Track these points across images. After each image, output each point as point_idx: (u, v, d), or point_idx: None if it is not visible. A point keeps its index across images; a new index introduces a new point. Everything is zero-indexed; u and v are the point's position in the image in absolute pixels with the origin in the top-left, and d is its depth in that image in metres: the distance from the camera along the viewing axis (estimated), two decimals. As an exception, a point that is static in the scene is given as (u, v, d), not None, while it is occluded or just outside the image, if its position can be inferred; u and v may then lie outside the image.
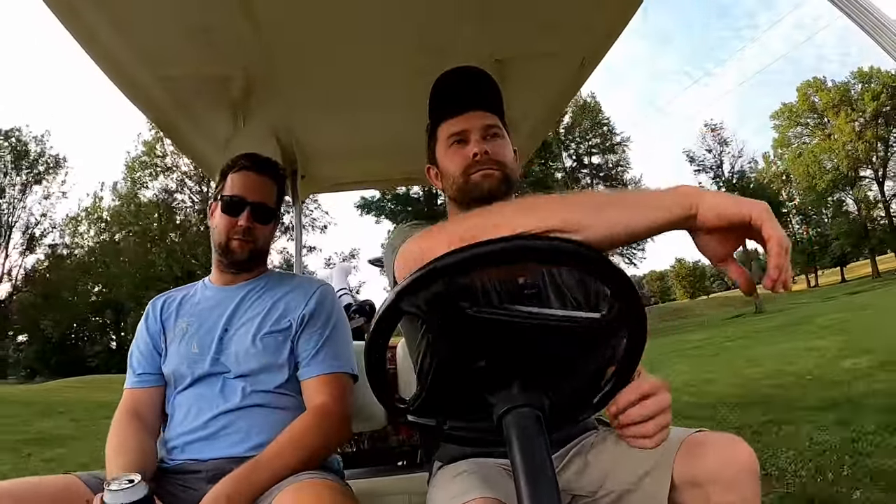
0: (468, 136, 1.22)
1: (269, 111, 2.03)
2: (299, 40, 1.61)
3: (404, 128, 2.33)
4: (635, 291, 0.73)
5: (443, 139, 1.26)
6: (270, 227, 1.51)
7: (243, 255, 1.45)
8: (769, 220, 0.70)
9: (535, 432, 0.72)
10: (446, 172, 1.25)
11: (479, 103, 1.24)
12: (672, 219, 0.74)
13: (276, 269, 1.61)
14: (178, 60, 1.61)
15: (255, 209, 1.45)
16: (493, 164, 1.19)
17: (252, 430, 1.31)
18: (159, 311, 1.50)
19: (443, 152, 1.26)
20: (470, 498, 0.96)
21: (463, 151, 1.21)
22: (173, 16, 1.43)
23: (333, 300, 1.50)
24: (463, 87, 1.23)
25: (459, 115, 1.23)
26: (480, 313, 0.71)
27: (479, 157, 1.19)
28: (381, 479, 2.02)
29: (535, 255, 0.71)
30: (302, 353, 1.39)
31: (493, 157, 1.20)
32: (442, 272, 0.68)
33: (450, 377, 0.77)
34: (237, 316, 1.43)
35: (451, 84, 1.23)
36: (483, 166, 1.19)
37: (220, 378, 1.35)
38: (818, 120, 40.50)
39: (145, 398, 1.41)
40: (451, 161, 1.23)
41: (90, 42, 1.42)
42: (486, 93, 1.25)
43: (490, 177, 1.19)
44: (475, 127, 1.22)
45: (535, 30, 1.65)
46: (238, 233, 1.43)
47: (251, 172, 1.47)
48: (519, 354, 0.75)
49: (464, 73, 1.23)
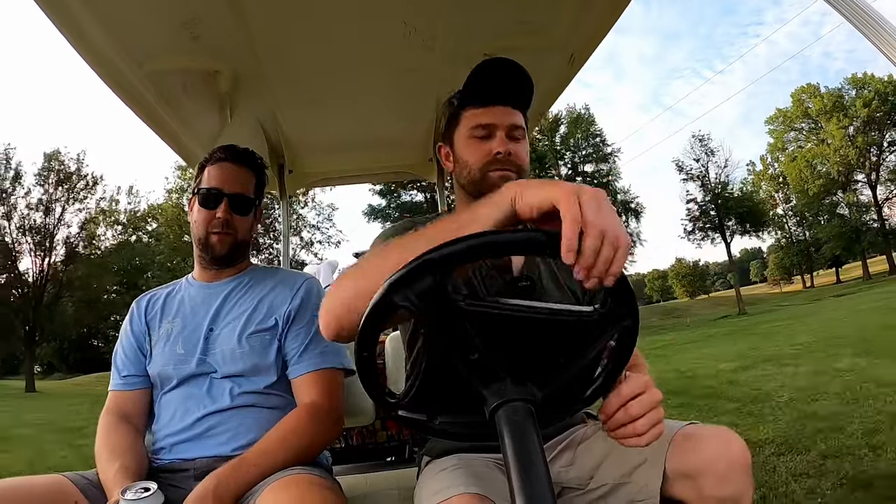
0: (494, 132, 1.20)
1: (256, 106, 2.01)
2: (286, 35, 1.59)
3: (392, 122, 2.34)
4: (628, 286, 0.74)
5: (467, 125, 1.23)
6: (250, 219, 1.48)
7: (223, 250, 1.42)
8: (565, 200, 0.69)
9: (527, 426, 0.73)
10: (463, 161, 1.24)
11: (512, 99, 1.22)
12: (502, 217, 0.77)
13: (260, 264, 1.57)
14: (165, 55, 1.59)
15: (233, 200, 1.42)
16: (513, 166, 1.19)
17: (240, 429, 1.30)
18: (144, 311, 1.47)
19: (464, 138, 1.23)
20: (451, 494, 0.96)
21: (486, 146, 1.20)
22: (160, 10, 1.41)
23: (319, 294, 1.47)
24: (500, 78, 1.18)
25: (490, 107, 1.21)
26: (473, 306, 0.71)
27: (502, 155, 1.18)
28: (371, 474, 2.02)
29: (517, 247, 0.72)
30: (290, 351, 1.37)
31: (514, 159, 1.19)
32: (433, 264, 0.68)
33: (442, 371, 0.77)
34: (222, 314, 1.40)
35: (489, 73, 1.18)
36: (503, 166, 1.18)
37: (206, 378, 1.34)
38: (812, 125, 41.94)
39: (132, 400, 1.39)
40: (472, 152, 1.21)
41: (77, 36, 1.40)
42: (522, 91, 1.21)
43: (508, 179, 1.16)
44: (503, 123, 1.20)
45: (523, 25, 1.65)
46: (216, 226, 1.40)
47: (227, 163, 1.45)
48: (512, 348, 0.75)
49: (503, 66, 1.18)
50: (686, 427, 1.05)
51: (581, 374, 0.82)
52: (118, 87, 1.63)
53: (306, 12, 1.50)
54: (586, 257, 0.67)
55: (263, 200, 1.58)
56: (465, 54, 1.72)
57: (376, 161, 2.83)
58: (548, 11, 1.59)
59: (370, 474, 2.02)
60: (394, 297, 0.70)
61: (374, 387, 0.81)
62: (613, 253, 0.68)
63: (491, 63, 1.17)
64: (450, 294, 0.70)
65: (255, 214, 1.51)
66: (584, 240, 0.67)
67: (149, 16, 1.42)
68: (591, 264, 0.68)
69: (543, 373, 0.77)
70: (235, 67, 1.71)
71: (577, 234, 0.67)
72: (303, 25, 1.56)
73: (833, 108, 39.82)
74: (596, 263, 0.68)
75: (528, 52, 1.74)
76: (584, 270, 0.68)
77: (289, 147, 2.45)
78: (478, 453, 1.17)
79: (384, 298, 0.70)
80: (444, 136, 1.31)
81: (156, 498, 1.03)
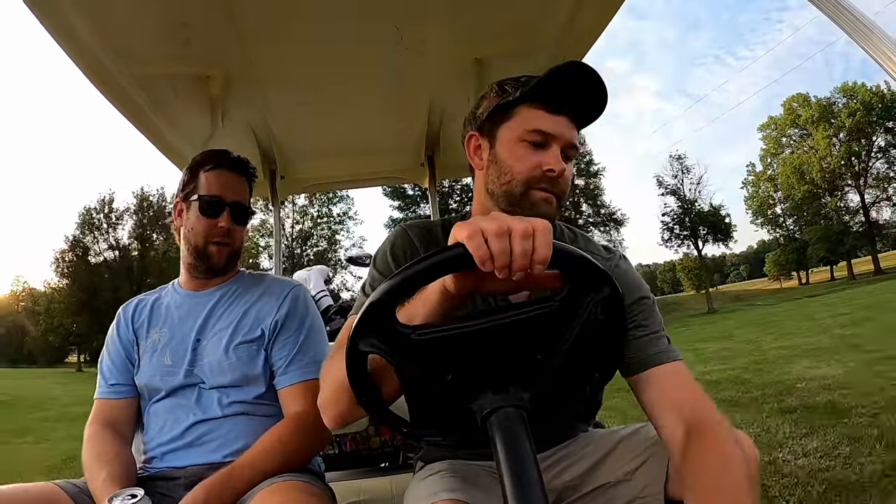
0: (551, 143, 1.06)
1: (247, 111, 2.01)
2: (278, 40, 1.59)
3: (384, 127, 2.34)
4: (581, 258, 0.73)
5: (522, 124, 1.07)
6: (245, 229, 1.48)
7: (222, 261, 1.41)
8: (458, 230, 0.69)
9: (517, 430, 0.73)
10: (504, 163, 1.08)
11: (583, 114, 1.08)
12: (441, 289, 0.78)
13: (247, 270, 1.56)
14: (156, 59, 1.58)
15: (234, 209, 1.41)
16: (559, 189, 1.07)
17: (230, 436, 1.29)
18: (131, 318, 1.46)
19: (514, 139, 1.08)
20: (432, 500, 0.96)
21: (538, 157, 1.05)
22: (151, 14, 1.40)
23: (306, 302, 1.46)
24: (579, 86, 1.04)
25: (555, 114, 1.06)
26: (423, 336, 0.74)
27: (554, 174, 1.05)
28: (364, 481, 2.01)
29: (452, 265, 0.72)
30: (277, 362, 1.36)
31: (562, 183, 1.07)
32: (376, 306, 0.72)
33: (426, 396, 0.79)
34: (209, 325, 1.39)
35: (571, 77, 1.02)
36: (549, 186, 1.06)
37: (195, 389, 1.33)
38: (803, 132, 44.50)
39: (118, 408, 1.38)
40: (520, 159, 1.06)
41: (67, 40, 1.39)
42: (594, 108, 1.08)
43: (549, 202, 1.06)
44: (564, 137, 1.06)
45: (514, 29, 1.65)
46: (218, 235, 1.39)
47: (226, 171, 1.43)
48: (483, 359, 0.76)
49: (591, 76, 1.03)
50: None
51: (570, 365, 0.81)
52: (108, 90, 1.62)
53: (298, 17, 1.50)
54: (498, 260, 0.66)
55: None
56: (457, 59, 1.72)
57: (368, 166, 2.83)
58: (539, 16, 1.60)
59: (364, 481, 2.01)
60: (360, 346, 0.74)
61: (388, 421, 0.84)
62: (531, 241, 0.67)
63: (576, 67, 1.02)
64: (399, 330, 0.73)
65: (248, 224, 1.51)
66: (490, 245, 0.66)
67: (140, 20, 1.41)
68: (507, 263, 0.67)
69: (524, 374, 0.77)
70: (226, 72, 1.70)
71: (480, 242, 0.66)
72: (294, 30, 1.55)
73: (820, 118, 42.27)
74: (513, 260, 0.67)
75: (519, 56, 1.75)
76: (503, 271, 0.67)
77: (280, 152, 2.44)
78: (471, 460, 1.17)
79: (353, 350, 0.74)
80: (482, 126, 1.14)
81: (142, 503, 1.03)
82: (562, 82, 1.02)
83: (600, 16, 1.58)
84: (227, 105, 1.85)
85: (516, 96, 1.07)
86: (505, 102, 1.09)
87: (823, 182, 41.69)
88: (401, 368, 0.76)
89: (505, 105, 1.09)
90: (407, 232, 1.18)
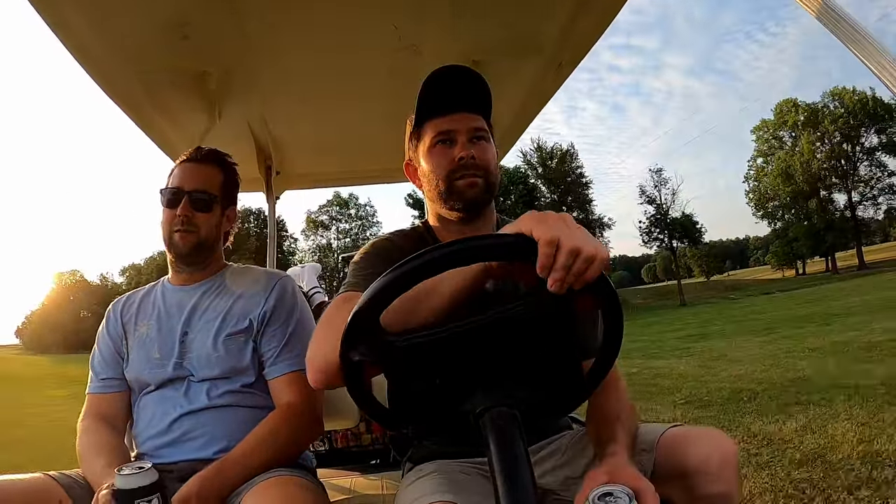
0: (455, 137, 1.17)
1: (244, 107, 2.01)
2: (276, 37, 1.59)
3: (379, 125, 2.34)
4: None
5: (427, 137, 1.20)
6: (214, 216, 1.44)
7: (186, 248, 1.39)
8: (537, 225, 0.74)
9: (509, 429, 0.74)
10: (428, 172, 1.20)
11: (468, 104, 1.18)
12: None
13: (234, 264, 1.55)
14: (155, 55, 1.58)
15: (193, 197, 1.39)
16: (478, 169, 1.16)
17: (217, 432, 1.29)
18: (119, 314, 1.46)
19: (426, 151, 1.20)
20: (426, 502, 0.96)
21: (448, 153, 1.17)
22: (150, 10, 1.40)
23: (294, 293, 1.46)
24: (454, 86, 1.16)
25: (448, 115, 1.18)
26: (409, 342, 0.75)
27: (465, 160, 1.15)
28: (355, 477, 2.01)
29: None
30: (266, 352, 1.37)
31: (479, 163, 1.16)
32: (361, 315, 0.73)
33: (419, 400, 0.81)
34: (195, 317, 1.39)
35: (443, 82, 1.15)
36: (468, 171, 1.15)
37: (184, 382, 1.33)
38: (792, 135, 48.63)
39: (110, 403, 1.38)
40: (436, 162, 1.18)
41: (67, 35, 1.39)
42: (477, 94, 1.18)
43: (474, 186, 1.15)
44: (463, 129, 1.17)
45: (513, 31, 1.66)
46: (178, 223, 1.38)
47: (189, 163, 1.43)
48: (472, 360, 0.77)
49: (456, 73, 1.15)
50: (672, 429, 1.07)
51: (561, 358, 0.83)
52: (107, 84, 1.63)
53: (296, 15, 1.50)
54: (557, 272, 0.72)
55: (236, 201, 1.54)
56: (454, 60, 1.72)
57: (364, 164, 2.84)
58: (538, 19, 1.61)
59: (354, 477, 2.02)
60: (351, 357, 0.75)
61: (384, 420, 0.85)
62: (587, 266, 0.73)
63: (444, 72, 1.15)
64: (383, 338, 0.75)
65: (225, 212, 1.47)
66: (558, 257, 0.72)
67: (139, 15, 1.41)
68: (562, 277, 0.72)
69: (513, 372, 0.78)
70: (225, 68, 1.70)
71: (552, 254, 0.72)
72: (293, 28, 1.56)
73: (807, 123, 46.86)
74: (566, 276, 0.72)
75: (516, 58, 1.76)
76: (556, 283, 0.72)
77: (277, 148, 2.44)
78: (459, 458, 1.18)
79: (345, 359, 0.75)
80: (409, 154, 1.29)
81: (150, 475, 1.04)
82: (440, 89, 1.15)
83: (599, 21, 1.59)
84: (224, 100, 1.86)
85: (415, 117, 1.22)
86: (413, 129, 1.24)
87: (805, 184, 46.48)
88: (390, 376, 0.79)
89: (414, 132, 1.25)
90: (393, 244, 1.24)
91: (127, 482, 1.02)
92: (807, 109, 46.80)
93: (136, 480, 1.02)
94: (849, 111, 44.40)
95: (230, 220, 1.51)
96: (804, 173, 45.87)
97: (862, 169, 45.68)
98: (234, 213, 1.53)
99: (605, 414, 1.06)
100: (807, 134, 46.03)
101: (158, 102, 1.83)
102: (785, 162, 47.70)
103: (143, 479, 1.03)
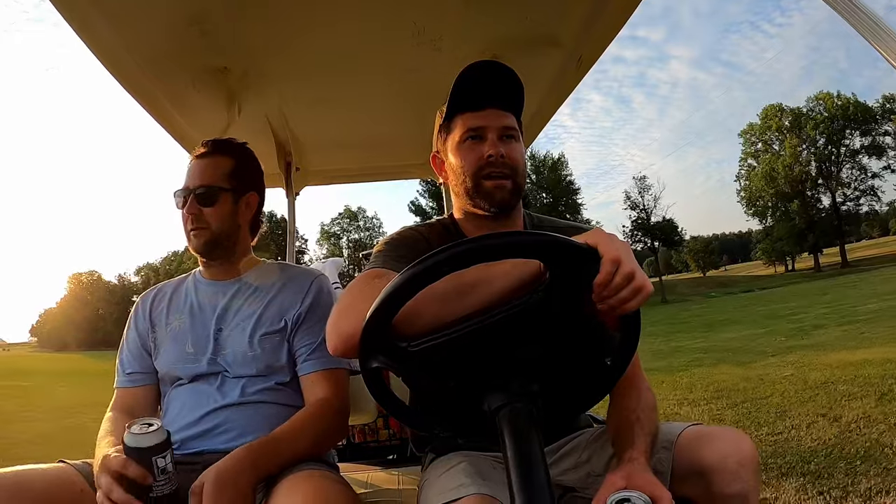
0: (485, 134, 1.16)
1: (263, 103, 2.01)
2: (295, 32, 1.59)
3: (398, 121, 2.34)
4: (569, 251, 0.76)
5: (457, 131, 1.19)
6: (224, 207, 1.41)
7: (201, 246, 1.41)
8: (604, 243, 0.79)
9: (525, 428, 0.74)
10: (456, 167, 1.20)
11: (501, 101, 1.18)
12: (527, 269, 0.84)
13: (268, 260, 1.56)
14: (174, 51, 1.59)
15: (197, 193, 1.39)
16: (507, 168, 1.15)
17: (249, 426, 1.29)
18: (149, 308, 1.47)
19: (455, 145, 1.20)
20: (461, 494, 0.96)
21: (478, 149, 1.16)
22: (169, 7, 1.41)
23: (329, 293, 1.47)
24: (488, 81, 1.15)
25: (480, 111, 1.17)
26: (415, 347, 0.76)
27: (494, 158, 1.14)
28: (373, 472, 2.02)
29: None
30: (299, 349, 1.37)
31: (507, 161, 1.15)
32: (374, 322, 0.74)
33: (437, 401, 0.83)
34: (230, 314, 1.40)
35: (477, 77, 1.14)
36: (496, 170, 1.15)
37: (218, 377, 1.34)
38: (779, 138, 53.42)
39: (137, 397, 1.40)
40: (464, 158, 1.17)
41: (88, 34, 1.40)
42: (510, 92, 1.17)
43: (502, 188, 1.15)
44: (494, 126, 1.16)
45: (531, 27, 1.64)
46: (188, 222, 1.39)
47: (195, 160, 1.44)
48: (484, 359, 0.77)
49: (492, 68, 1.15)
50: (692, 427, 1.07)
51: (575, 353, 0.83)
52: (127, 82, 1.64)
53: (315, 10, 1.50)
54: (608, 290, 0.77)
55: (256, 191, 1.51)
56: (473, 55, 1.71)
57: (383, 160, 2.84)
58: (557, 14, 1.59)
59: (372, 472, 2.02)
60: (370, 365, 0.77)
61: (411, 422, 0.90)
62: (633, 296, 0.78)
63: (479, 66, 1.14)
64: (396, 343, 0.76)
65: (240, 200, 1.45)
66: (616, 277, 0.77)
67: (158, 12, 1.42)
68: (610, 296, 0.77)
69: (527, 368, 0.78)
70: (244, 64, 1.71)
71: (612, 272, 0.77)
72: (312, 23, 1.56)
73: (791, 127, 51.47)
74: (612, 298, 0.77)
75: (536, 54, 1.74)
76: (603, 303, 0.78)
77: (296, 145, 2.45)
78: (481, 451, 1.18)
79: (366, 366, 0.78)
80: (437, 146, 1.29)
81: (160, 433, 1.02)
82: (473, 83, 1.15)
83: (619, 14, 1.56)
84: (244, 97, 1.87)
85: (447, 110, 1.21)
86: (443, 122, 1.24)
87: (787, 187, 51.04)
88: (406, 381, 0.80)
89: (444, 125, 1.24)
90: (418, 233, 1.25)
91: (136, 440, 1.01)
92: (791, 114, 51.49)
93: (146, 439, 1.00)
94: (832, 116, 48.77)
95: (250, 208, 1.49)
96: (786, 176, 50.45)
97: (844, 172, 50.34)
98: (256, 198, 1.50)
99: (625, 415, 1.06)
100: (790, 137, 50.38)
101: (178, 99, 1.84)
102: (769, 165, 52.23)
103: (153, 438, 1.01)
